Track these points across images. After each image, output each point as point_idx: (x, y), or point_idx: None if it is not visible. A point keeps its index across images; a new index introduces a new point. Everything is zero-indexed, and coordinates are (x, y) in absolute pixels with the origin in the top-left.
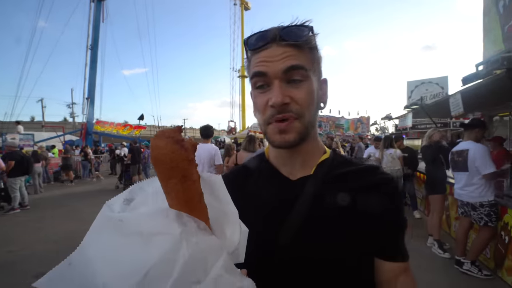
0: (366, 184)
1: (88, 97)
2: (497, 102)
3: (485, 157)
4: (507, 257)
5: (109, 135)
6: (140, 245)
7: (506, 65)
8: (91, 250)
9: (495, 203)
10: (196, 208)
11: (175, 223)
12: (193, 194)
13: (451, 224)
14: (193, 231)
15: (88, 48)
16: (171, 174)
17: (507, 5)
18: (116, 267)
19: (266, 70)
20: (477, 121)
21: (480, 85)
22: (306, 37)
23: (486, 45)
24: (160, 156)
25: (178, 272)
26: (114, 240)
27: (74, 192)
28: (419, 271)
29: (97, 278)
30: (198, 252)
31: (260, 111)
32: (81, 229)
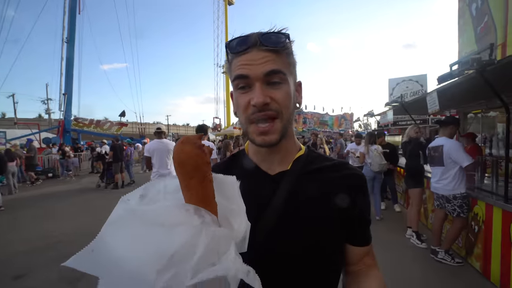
0: (338, 178)
1: (65, 92)
2: (470, 100)
3: (460, 151)
4: (476, 245)
5: (89, 133)
6: (164, 234)
7: (475, 66)
8: (113, 239)
9: (467, 195)
10: (211, 204)
11: (195, 215)
12: (209, 192)
13: (428, 216)
14: (210, 223)
15: (64, 41)
16: (193, 175)
17: (479, 7)
18: (142, 253)
19: (248, 73)
20: (451, 118)
21: (454, 84)
22: (283, 43)
23: (460, 46)
24: (186, 159)
25: (198, 256)
26: (137, 230)
27: (52, 192)
28: (398, 261)
29: (123, 263)
30: (214, 239)
31: (242, 110)
32: (59, 230)
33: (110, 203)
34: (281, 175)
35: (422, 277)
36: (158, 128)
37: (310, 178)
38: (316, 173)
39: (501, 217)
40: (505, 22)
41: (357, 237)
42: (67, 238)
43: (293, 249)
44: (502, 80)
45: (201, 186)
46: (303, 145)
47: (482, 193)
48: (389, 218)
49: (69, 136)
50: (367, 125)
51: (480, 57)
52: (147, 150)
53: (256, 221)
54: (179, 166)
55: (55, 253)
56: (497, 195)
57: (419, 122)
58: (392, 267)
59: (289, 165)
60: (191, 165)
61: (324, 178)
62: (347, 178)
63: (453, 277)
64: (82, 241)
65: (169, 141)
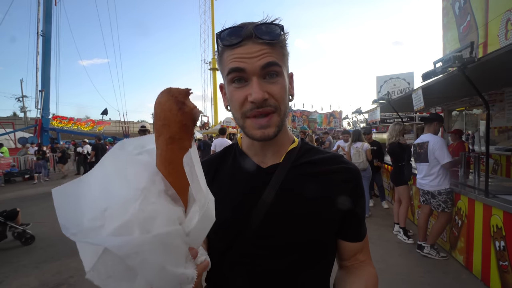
0: (330, 171)
1: (42, 89)
2: (453, 98)
3: (443, 148)
4: (460, 239)
5: (69, 132)
6: (113, 185)
7: (457, 64)
8: (91, 176)
9: (451, 190)
10: (173, 174)
11: (146, 178)
12: (175, 158)
13: (414, 212)
14: (156, 192)
15: (40, 34)
16: (161, 131)
17: (462, 7)
18: (93, 197)
19: (244, 66)
20: (435, 115)
21: (438, 82)
22: (278, 35)
23: (445, 44)
24: (158, 111)
25: (122, 222)
26: (107, 175)
27: (30, 194)
28: (385, 256)
29: (79, 201)
30: (148, 211)
31: (238, 106)
32: (37, 235)
33: None
34: (273, 168)
35: (408, 272)
36: (142, 126)
37: (302, 171)
38: (308, 166)
39: (482, 211)
40: (486, 22)
41: (349, 232)
42: (43, 243)
43: (284, 241)
44: (483, 78)
45: (166, 148)
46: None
47: (466, 188)
48: (377, 215)
49: (48, 135)
50: (356, 123)
51: (461, 55)
52: None
53: (248, 214)
54: (153, 117)
55: (27, 261)
56: (479, 190)
57: (406, 120)
58: (379, 263)
59: (282, 157)
60: (160, 120)
61: (317, 171)
62: (341, 172)
63: (438, 271)
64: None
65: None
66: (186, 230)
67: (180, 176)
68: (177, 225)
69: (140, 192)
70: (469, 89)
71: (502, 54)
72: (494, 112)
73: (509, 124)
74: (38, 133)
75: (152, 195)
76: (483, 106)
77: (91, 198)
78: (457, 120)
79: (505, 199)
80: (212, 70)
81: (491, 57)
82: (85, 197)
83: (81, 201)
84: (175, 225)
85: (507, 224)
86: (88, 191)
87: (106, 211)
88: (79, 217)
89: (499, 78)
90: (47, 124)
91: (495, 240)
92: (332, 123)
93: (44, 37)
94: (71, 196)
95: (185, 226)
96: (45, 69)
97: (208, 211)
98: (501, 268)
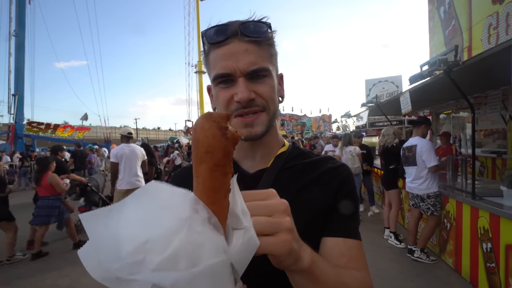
0: (321, 173)
1: (16, 93)
2: (440, 101)
3: (430, 152)
4: (449, 242)
5: (45, 138)
6: (153, 215)
7: (442, 67)
8: (127, 206)
9: (439, 193)
10: (217, 203)
11: (188, 207)
12: (219, 186)
13: (404, 216)
14: (201, 221)
15: (12, 34)
16: (204, 159)
17: (447, 11)
18: (130, 228)
19: (230, 71)
20: (422, 118)
21: (425, 85)
22: (265, 33)
23: (431, 48)
24: (201, 138)
25: (168, 254)
26: (145, 205)
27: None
28: (376, 261)
29: (115, 232)
30: (195, 242)
31: (223, 105)
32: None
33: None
34: (260, 173)
35: (399, 276)
36: (129, 132)
37: (290, 175)
38: (297, 170)
39: (470, 214)
40: (469, 26)
41: (331, 226)
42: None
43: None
44: (468, 81)
45: (210, 176)
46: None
47: (454, 191)
48: (368, 220)
49: (22, 142)
50: (346, 127)
51: (447, 58)
52: (114, 155)
53: None
54: (192, 144)
55: (4, 274)
56: (466, 192)
57: (395, 123)
58: (370, 268)
59: (270, 162)
60: (204, 147)
61: (305, 175)
62: (331, 172)
63: (428, 275)
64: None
65: (137, 146)
66: (231, 258)
67: (222, 203)
68: (223, 255)
69: (184, 222)
70: (455, 92)
71: (485, 57)
72: (480, 115)
73: (494, 126)
74: (11, 140)
75: (196, 225)
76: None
77: (127, 229)
78: (445, 123)
79: (491, 201)
80: (197, 73)
81: (475, 61)
82: (119, 228)
83: (116, 232)
84: (222, 255)
85: (493, 226)
86: (122, 222)
87: (148, 243)
88: (117, 250)
89: (483, 81)
90: (21, 131)
91: (482, 242)
92: (321, 127)
93: (17, 37)
94: (104, 226)
95: (230, 255)
96: (18, 71)
97: (251, 237)
98: (489, 269)
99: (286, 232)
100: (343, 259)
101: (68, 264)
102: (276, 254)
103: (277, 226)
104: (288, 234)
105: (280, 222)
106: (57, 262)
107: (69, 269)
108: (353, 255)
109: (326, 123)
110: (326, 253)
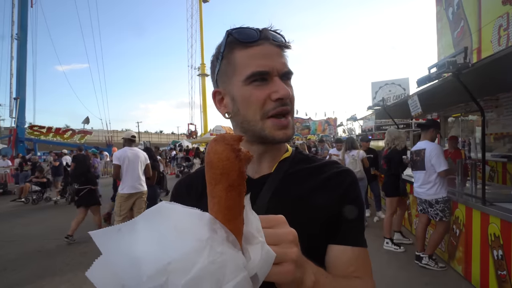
0: (325, 178)
1: (17, 97)
2: (449, 104)
3: (440, 156)
4: (458, 249)
5: (47, 142)
6: (171, 238)
7: (451, 69)
8: (138, 227)
9: (448, 199)
10: (233, 220)
11: (206, 227)
12: (234, 205)
13: (412, 222)
14: (220, 241)
15: (14, 38)
16: (219, 180)
17: (455, 12)
18: (147, 251)
19: (268, 68)
20: (431, 122)
21: (433, 87)
22: (288, 42)
23: (439, 50)
24: (215, 161)
25: (193, 275)
26: (159, 226)
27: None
28: (383, 268)
29: (130, 253)
30: (218, 262)
31: (258, 105)
32: (6, 255)
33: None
34: (264, 178)
35: (407, 284)
36: (132, 136)
37: (294, 180)
38: (301, 175)
39: (480, 220)
40: (479, 27)
41: (337, 234)
42: (14, 265)
43: None
44: (477, 84)
45: (226, 195)
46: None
47: (463, 197)
48: (374, 225)
49: (23, 146)
50: (351, 130)
51: (456, 60)
52: (116, 157)
53: None
54: (207, 166)
55: (3, 279)
56: (476, 198)
57: (402, 127)
58: (376, 274)
59: (274, 167)
60: (219, 169)
61: (309, 179)
62: (333, 177)
63: (437, 282)
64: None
65: (140, 150)
66: (251, 273)
67: (237, 220)
68: (244, 271)
69: (205, 243)
70: (464, 95)
71: (495, 59)
72: (490, 119)
73: (504, 130)
74: (12, 144)
75: (217, 245)
76: (478, 112)
77: (145, 251)
78: (453, 127)
79: (502, 207)
80: (201, 76)
81: (484, 63)
82: (135, 249)
83: (133, 253)
84: (243, 271)
85: (504, 233)
86: (138, 242)
87: (170, 265)
88: (137, 273)
89: (494, 84)
90: (22, 134)
91: (493, 249)
92: (326, 130)
93: (19, 40)
94: (118, 246)
95: (252, 268)
96: (20, 75)
97: (268, 250)
98: (500, 277)
99: (291, 263)
100: (350, 268)
101: (70, 270)
102: (279, 282)
103: (283, 257)
104: (292, 264)
105: (286, 253)
106: (58, 267)
107: (70, 275)
108: (359, 264)
109: (331, 126)
110: (332, 261)
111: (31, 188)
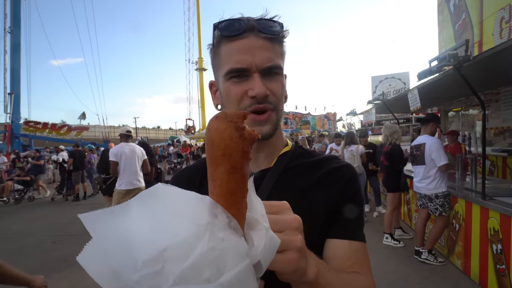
0: (324, 173)
1: (12, 92)
2: (449, 98)
3: (440, 150)
4: (457, 244)
5: (43, 138)
6: (169, 222)
7: (452, 62)
8: (133, 210)
9: (448, 193)
10: (235, 205)
11: (206, 211)
12: (237, 188)
13: (412, 217)
14: (221, 226)
15: (7, 31)
16: (221, 161)
17: (457, 4)
18: (143, 235)
19: (246, 65)
20: (431, 116)
21: (434, 81)
22: (280, 32)
23: (440, 42)
24: (217, 140)
25: (191, 262)
26: (157, 209)
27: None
28: (383, 263)
29: (123, 237)
30: (218, 249)
31: (235, 101)
32: (1, 251)
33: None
34: (263, 173)
35: (406, 279)
36: (128, 131)
37: (293, 174)
38: (300, 169)
39: (479, 214)
40: (480, 20)
41: (335, 228)
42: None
43: None
44: (478, 77)
45: (228, 178)
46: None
47: (463, 191)
48: (373, 220)
49: (19, 142)
50: (351, 125)
51: (457, 53)
52: (113, 154)
53: None
54: (207, 146)
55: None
56: (476, 192)
57: (402, 121)
58: (376, 269)
59: (273, 162)
60: (220, 149)
61: (308, 174)
62: (332, 172)
63: (436, 277)
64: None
65: (137, 145)
66: (254, 260)
67: (240, 205)
68: (247, 258)
69: (204, 228)
70: (465, 88)
71: (497, 52)
72: (490, 113)
73: (505, 124)
74: (7, 140)
75: (218, 230)
76: (479, 106)
77: (139, 235)
78: (454, 121)
79: (502, 201)
80: (198, 70)
81: (486, 56)
82: (129, 234)
83: (126, 238)
84: (246, 259)
85: (504, 227)
86: (131, 227)
87: (166, 251)
88: (131, 259)
89: (495, 77)
90: (18, 130)
91: (492, 244)
92: (326, 125)
93: (13, 34)
94: (110, 230)
95: (255, 255)
96: (14, 69)
97: (272, 236)
98: (499, 271)
99: (295, 251)
100: (348, 262)
101: (68, 266)
102: (281, 272)
103: (287, 244)
104: (296, 253)
105: (291, 240)
106: (56, 263)
107: (68, 271)
108: (358, 258)
109: (330, 121)
110: (331, 256)
111: (13, 187)
